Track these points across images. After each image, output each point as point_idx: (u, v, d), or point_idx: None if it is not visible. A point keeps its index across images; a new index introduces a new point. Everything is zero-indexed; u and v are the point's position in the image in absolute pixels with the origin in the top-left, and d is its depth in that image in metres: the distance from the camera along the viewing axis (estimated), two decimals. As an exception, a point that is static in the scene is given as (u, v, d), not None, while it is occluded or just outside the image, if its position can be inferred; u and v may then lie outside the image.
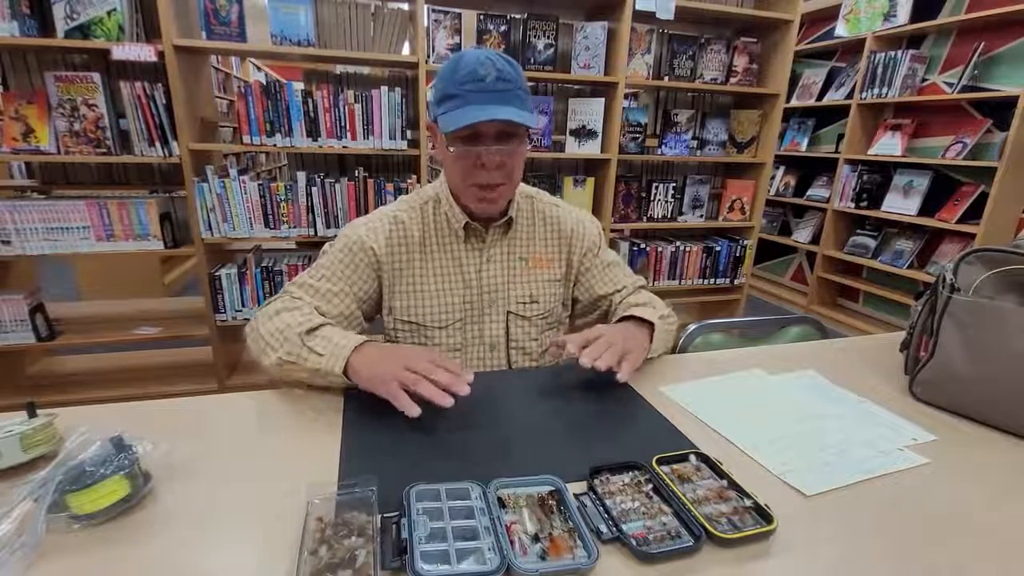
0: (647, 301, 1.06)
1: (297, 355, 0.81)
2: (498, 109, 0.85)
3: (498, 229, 1.04)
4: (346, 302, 0.97)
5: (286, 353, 0.82)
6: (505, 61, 0.88)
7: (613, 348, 0.85)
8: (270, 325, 0.87)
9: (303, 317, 0.86)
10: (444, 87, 0.88)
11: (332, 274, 0.97)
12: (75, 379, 2.30)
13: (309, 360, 0.80)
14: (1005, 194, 2.67)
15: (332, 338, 0.82)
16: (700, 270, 2.77)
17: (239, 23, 1.94)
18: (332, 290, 0.96)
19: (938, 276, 0.88)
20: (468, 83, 0.85)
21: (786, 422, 0.81)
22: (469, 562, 0.51)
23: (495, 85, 0.85)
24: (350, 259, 0.98)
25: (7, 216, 1.88)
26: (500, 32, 2.23)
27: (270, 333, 0.85)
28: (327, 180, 2.13)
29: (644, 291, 1.13)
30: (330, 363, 0.78)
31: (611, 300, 1.11)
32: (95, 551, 0.53)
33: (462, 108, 0.85)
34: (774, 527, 0.56)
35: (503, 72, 0.86)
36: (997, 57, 2.84)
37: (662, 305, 1.06)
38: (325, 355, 0.79)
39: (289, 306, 0.90)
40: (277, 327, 0.85)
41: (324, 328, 0.85)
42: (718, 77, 2.55)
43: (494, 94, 0.85)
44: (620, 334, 0.90)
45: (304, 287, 0.96)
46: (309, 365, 0.80)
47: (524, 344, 1.07)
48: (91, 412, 0.77)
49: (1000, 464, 0.73)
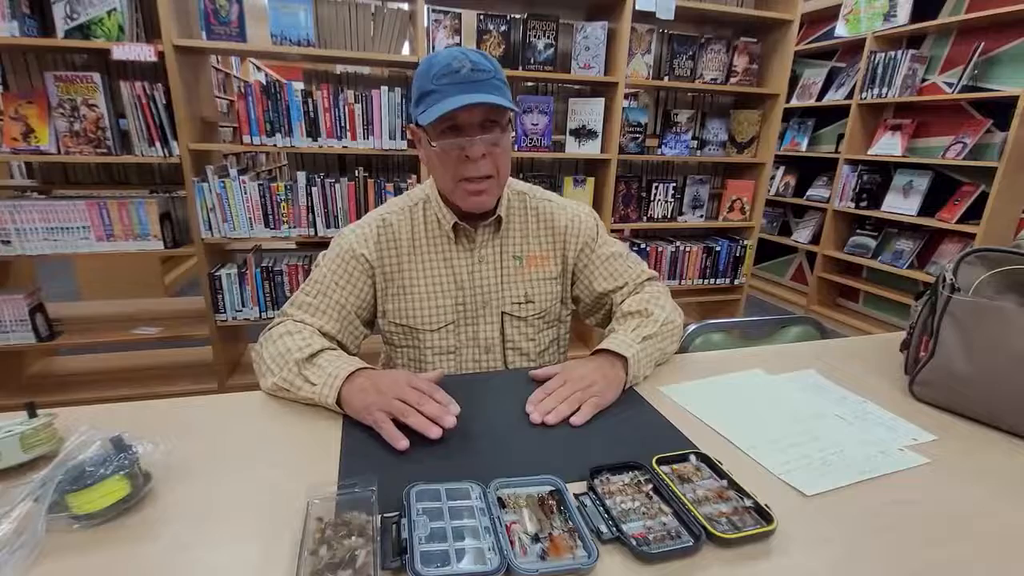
0: (641, 309, 0.98)
1: (291, 383, 0.81)
2: (475, 95, 0.84)
3: (488, 228, 1.02)
4: (343, 314, 0.97)
5: (281, 379, 0.82)
6: (479, 54, 0.87)
7: (571, 399, 0.81)
8: (272, 349, 0.87)
9: (303, 342, 0.86)
10: (420, 86, 0.87)
11: (327, 287, 0.97)
12: (75, 379, 2.30)
13: (303, 389, 0.80)
14: (1005, 194, 2.67)
15: (326, 367, 0.81)
16: (700, 270, 2.77)
17: (239, 23, 1.94)
18: (329, 304, 0.96)
19: (938, 276, 0.88)
20: (443, 76, 0.84)
21: (786, 422, 0.81)
22: (469, 562, 0.51)
23: (470, 76, 0.84)
24: (343, 269, 0.98)
25: (7, 216, 1.88)
26: (500, 32, 2.23)
27: (271, 357, 0.86)
28: (327, 180, 2.13)
29: (650, 286, 1.06)
30: (323, 393, 0.78)
31: (611, 299, 1.06)
32: (95, 551, 0.53)
33: (439, 102, 0.84)
34: (774, 527, 0.56)
35: (477, 63, 0.85)
36: (997, 57, 2.84)
37: (663, 309, 0.99)
38: (318, 385, 0.79)
39: (292, 330, 0.90)
40: (279, 351, 0.86)
41: (322, 355, 0.85)
42: (718, 77, 2.55)
43: (470, 84, 0.84)
44: (589, 375, 0.85)
45: (302, 307, 0.95)
46: (303, 394, 0.80)
47: (520, 345, 1.06)
48: (91, 412, 0.77)
49: (1000, 464, 0.73)
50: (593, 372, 0.86)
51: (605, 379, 0.85)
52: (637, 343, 0.91)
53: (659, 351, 0.95)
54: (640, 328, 0.94)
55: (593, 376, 0.85)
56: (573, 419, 0.78)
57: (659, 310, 0.98)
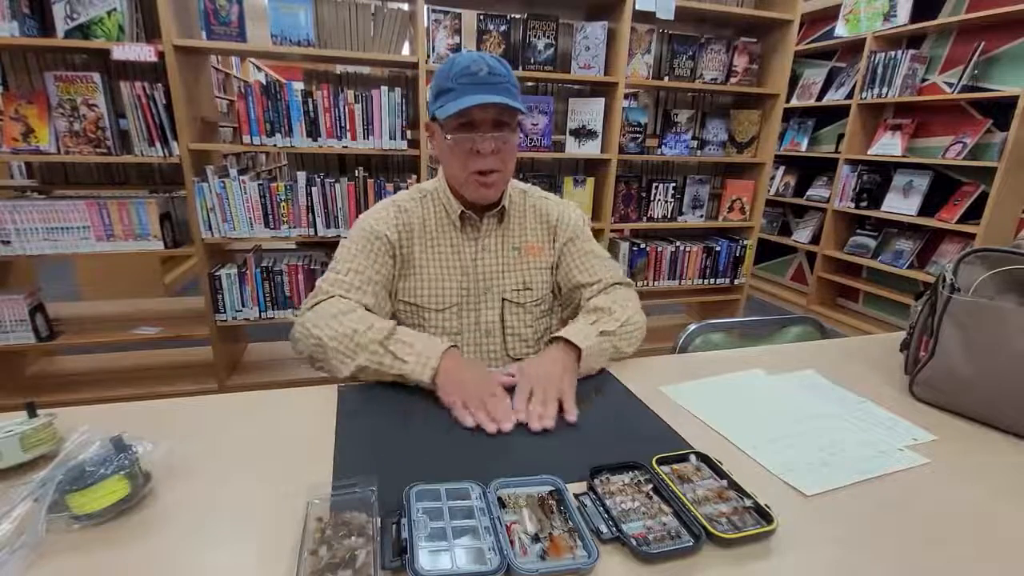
0: (605, 307, 1.01)
1: (379, 362, 0.86)
2: (490, 96, 0.92)
3: (492, 219, 1.08)
4: (376, 289, 1.01)
5: (367, 360, 0.86)
6: (496, 60, 0.95)
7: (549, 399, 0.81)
8: (335, 328, 0.89)
9: (371, 321, 0.90)
10: (440, 83, 0.96)
11: (357, 266, 1.01)
12: (75, 379, 2.29)
13: (394, 367, 0.85)
14: (1005, 194, 2.67)
15: (415, 345, 0.87)
16: (700, 270, 2.77)
17: (239, 23, 1.94)
18: (363, 280, 1.00)
19: (938, 276, 0.88)
20: (463, 77, 0.93)
21: (786, 422, 0.81)
22: (469, 562, 0.51)
23: (487, 79, 0.93)
24: (369, 248, 1.02)
25: (7, 216, 1.88)
26: (500, 32, 2.23)
27: (337, 339, 0.88)
28: (327, 180, 2.13)
29: (619, 290, 1.08)
30: (417, 371, 0.84)
31: (581, 294, 1.09)
32: (95, 551, 0.53)
33: (458, 98, 0.92)
34: (774, 527, 0.56)
35: (494, 68, 0.94)
36: (997, 57, 2.84)
37: (625, 309, 1.01)
38: (410, 363, 0.85)
39: (344, 308, 0.92)
40: (344, 332, 0.88)
41: (398, 332, 0.89)
42: (718, 77, 2.55)
43: (486, 86, 0.93)
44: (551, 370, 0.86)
45: (339, 284, 0.98)
46: (395, 371, 0.85)
47: (519, 331, 1.11)
48: (91, 412, 0.77)
49: (1000, 464, 0.73)
50: (553, 366, 0.88)
51: (565, 369, 0.88)
52: (595, 336, 0.94)
53: (613, 347, 0.98)
54: (599, 323, 0.97)
55: (554, 370, 0.87)
56: (568, 417, 0.79)
57: (621, 310, 1.01)
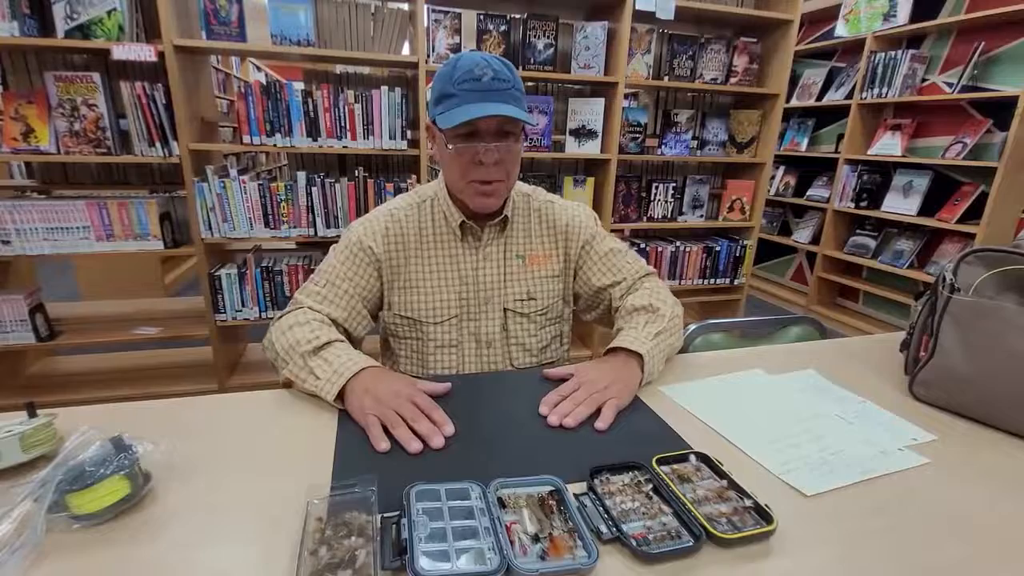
0: (646, 304, 0.99)
1: (297, 375, 0.84)
2: (495, 106, 0.87)
3: (494, 228, 1.05)
4: (351, 303, 1.00)
5: (290, 372, 0.85)
6: (501, 63, 0.90)
7: (588, 400, 0.80)
8: (283, 340, 0.89)
9: (311, 334, 0.88)
10: (442, 87, 0.90)
11: (336, 277, 1.00)
12: (75, 379, 2.29)
13: (307, 382, 0.82)
14: (1005, 194, 2.67)
15: (332, 363, 0.83)
16: (700, 270, 2.77)
17: (239, 23, 1.94)
18: (337, 293, 0.99)
19: (938, 276, 0.88)
20: (465, 82, 0.87)
21: (786, 422, 0.81)
22: (469, 562, 0.51)
23: (491, 84, 0.87)
24: (351, 260, 1.01)
25: (7, 216, 1.88)
26: (500, 32, 2.23)
27: (283, 348, 0.88)
28: (327, 180, 2.13)
29: (649, 282, 1.07)
30: (325, 388, 0.80)
31: (610, 294, 1.07)
32: (95, 551, 0.53)
33: (460, 106, 0.87)
34: (774, 527, 0.56)
35: (499, 72, 0.88)
36: (997, 57, 2.84)
37: (666, 304, 1.00)
38: (322, 380, 0.81)
39: (300, 320, 0.91)
40: (289, 342, 0.88)
41: (329, 348, 0.86)
42: (718, 77, 2.55)
43: (490, 92, 0.87)
44: (604, 376, 0.85)
45: (311, 295, 0.99)
46: (308, 387, 0.82)
47: (524, 340, 1.08)
48: (91, 412, 0.77)
49: (1000, 464, 0.73)
50: (608, 373, 0.86)
51: (621, 380, 0.85)
52: (650, 340, 0.91)
53: (669, 346, 0.96)
54: (650, 325, 0.95)
55: (608, 377, 0.85)
56: (597, 424, 0.77)
57: (664, 305, 1.00)
